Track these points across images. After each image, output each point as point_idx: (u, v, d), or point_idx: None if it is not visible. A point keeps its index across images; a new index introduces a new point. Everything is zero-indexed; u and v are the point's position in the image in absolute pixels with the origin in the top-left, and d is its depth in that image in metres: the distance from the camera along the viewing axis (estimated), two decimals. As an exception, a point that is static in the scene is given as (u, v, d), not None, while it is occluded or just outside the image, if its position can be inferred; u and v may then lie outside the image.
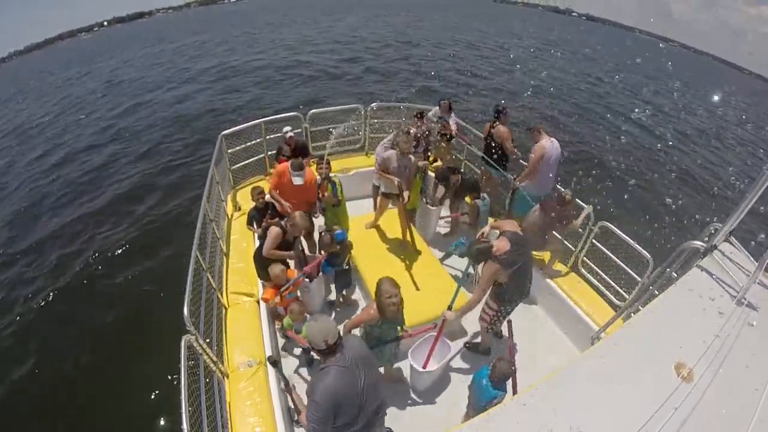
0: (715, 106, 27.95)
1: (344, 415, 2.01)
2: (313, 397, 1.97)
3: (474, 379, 2.97)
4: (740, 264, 2.17)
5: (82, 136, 14.01)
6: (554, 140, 4.38)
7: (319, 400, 1.92)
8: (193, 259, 3.08)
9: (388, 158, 3.82)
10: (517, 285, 3.12)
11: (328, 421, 1.95)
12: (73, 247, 7.64)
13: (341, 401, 1.96)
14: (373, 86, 17.10)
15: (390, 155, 3.85)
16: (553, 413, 1.48)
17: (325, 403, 1.92)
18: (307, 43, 27.95)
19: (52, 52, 65.40)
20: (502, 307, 3.26)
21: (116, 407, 4.53)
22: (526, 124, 11.62)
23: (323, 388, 1.95)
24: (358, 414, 2.08)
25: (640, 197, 10.49)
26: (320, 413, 1.92)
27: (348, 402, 2.00)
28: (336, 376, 1.97)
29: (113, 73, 25.04)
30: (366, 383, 2.08)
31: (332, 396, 1.93)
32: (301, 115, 5.73)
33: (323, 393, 1.93)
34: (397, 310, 2.60)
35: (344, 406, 1.99)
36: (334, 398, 1.94)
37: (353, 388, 2.02)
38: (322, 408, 1.91)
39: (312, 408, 1.95)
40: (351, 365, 2.03)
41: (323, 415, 1.92)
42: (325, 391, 1.94)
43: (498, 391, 2.76)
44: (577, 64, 30.68)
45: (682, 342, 1.74)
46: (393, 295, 2.54)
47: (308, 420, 1.96)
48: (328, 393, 1.93)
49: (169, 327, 3.03)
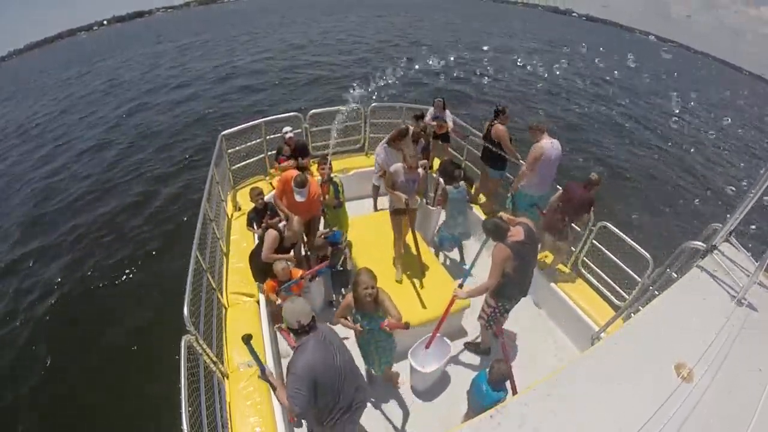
0: (715, 106, 27.98)
1: (324, 393, 2.06)
2: (292, 371, 2.01)
3: (473, 383, 2.95)
4: (740, 264, 2.17)
5: (82, 135, 14.01)
6: (555, 141, 4.31)
7: (299, 373, 1.97)
8: (193, 259, 3.08)
9: (395, 172, 3.68)
10: (518, 281, 3.12)
11: (309, 394, 1.98)
12: (73, 247, 7.64)
13: (319, 375, 2.00)
14: (374, 86, 17.09)
15: (397, 170, 3.68)
16: (553, 413, 1.48)
17: (305, 374, 1.96)
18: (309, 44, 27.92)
19: (52, 52, 65.34)
20: (500, 304, 3.25)
21: (116, 407, 4.53)
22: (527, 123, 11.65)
23: (302, 361, 1.99)
24: (338, 394, 2.14)
25: (639, 197, 10.50)
26: (300, 385, 1.95)
27: (326, 376, 2.05)
28: (313, 348, 2.04)
29: (115, 72, 25.02)
30: (342, 361, 2.15)
31: (311, 369, 1.98)
32: (301, 115, 5.73)
33: (302, 365, 1.98)
34: (374, 303, 2.61)
35: (322, 380, 2.03)
36: (312, 371, 1.98)
37: (330, 363, 2.08)
38: (300, 380, 1.95)
39: (291, 381, 1.99)
40: (326, 342, 2.12)
41: (303, 387, 1.95)
42: (304, 363, 1.99)
43: (500, 393, 2.75)
44: (577, 63, 30.68)
45: (682, 342, 1.74)
46: (369, 286, 2.56)
47: (289, 396, 1.98)
48: (308, 365, 1.98)
49: (169, 327, 3.03)
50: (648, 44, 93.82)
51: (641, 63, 42.93)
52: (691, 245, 2.38)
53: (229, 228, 4.75)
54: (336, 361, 2.12)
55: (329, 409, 2.16)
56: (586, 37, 62.16)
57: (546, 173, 4.35)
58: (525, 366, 3.57)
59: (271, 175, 5.67)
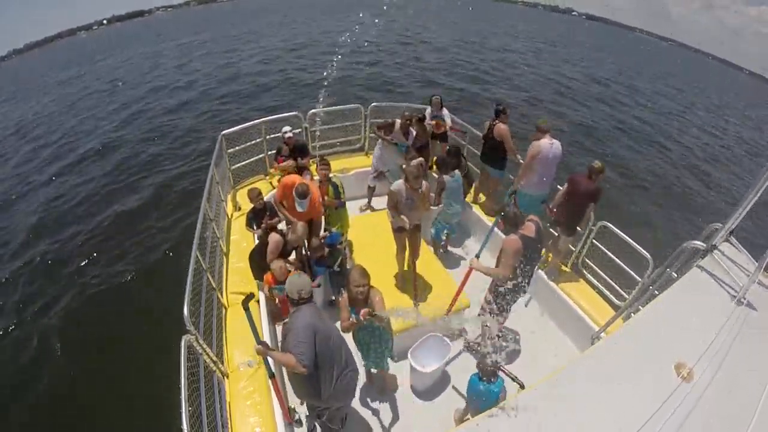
0: (715, 105, 27.98)
1: (322, 348, 2.21)
2: (293, 328, 2.20)
3: (469, 385, 2.91)
4: (740, 264, 2.17)
5: (83, 135, 14.00)
6: (556, 142, 4.31)
7: (300, 327, 2.16)
8: (193, 259, 3.08)
9: (397, 192, 3.56)
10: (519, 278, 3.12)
11: (312, 346, 2.13)
12: (73, 247, 7.64)
13: (318, 329, 2.20)
14: (376, 85, 17.11)
15: (399, 188, 3.57)
16: (554, 413, 1.48)
17: (307, 327, 2.16)
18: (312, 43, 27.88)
19: (52, 51, 65.32)
20: (498, 300, 3.26)
21: (116, 407, 4.53)
22: (529, 123, 11.66)
23: (301, 319, 2.21)
24: (333, 352, 2.31)
25: (640, 197, 10.50)
26: (303, 336, 2.13)
27: (323, 332, 2.23)
28: (309, 311, 2.26)
29: (115, 71, 25.01)
30: (335, 332, 2.37)
31: (310, 325, 2.18)
32: (301, 115, 5.73)
33: (302, 322, 2.19)
34: (365, 300, 2.68)
35: (320, 334, 2.20)
36: (311, 327, 2.18)
37: (325, 326, 2.29)
38: (303, 331, 2.14)
39: (293, 336, 2.16)
40: (319, 312, 2.36)
41: (306, 339, 2.12)
42: (303, 321, 2.20)
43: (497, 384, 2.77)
44: (577, 63, 30.68)
45: (682, 342, 1.74)
46: (361, 284, 2.65)
47: (292, 345, 2.13)
48: (306, 322, 2.19)
49: (169, 327, 3.03)
50: (648, 43, 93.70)
51: (641, 62, 43.00)
52: (691, 245, 2.38)
53: (229, 228, 4.75)
54: (327, 325, 2.35)
55: (329, 363, 2.28)
56: (586, 36, 62.17)
57: (544, 173, 4.35)
58: (525, 366, 3.57)
59: (271, 175, 5.67)
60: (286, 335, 2.27)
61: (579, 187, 3.90)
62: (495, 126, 4.74)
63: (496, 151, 4.89)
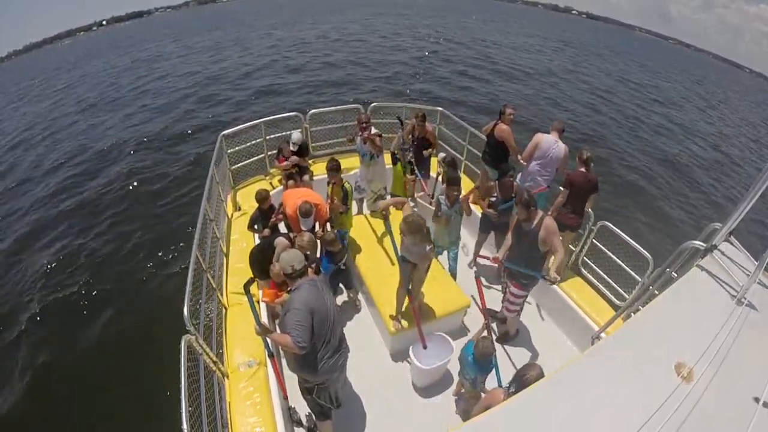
0: (716, 105, 27.96)
1: (319, 326, 2.29)
2: (291, 307, 2.26)
3: (462, 353, 3.05)
4: (740, 264, 2.16)
5: (82, 135, 14.02)
6: (561, 144, 4.35)
7: (298, 306, 2.23)
8: (193, 259, 3.08)
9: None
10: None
11: (309, 326, 2.21)
12: (73, 247, 7.64)
13: (315, 308, 2.26)
14: (376, 86, 17.11)
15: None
16: (554, 413, 1.48)
17: (304, 307, 2.23)
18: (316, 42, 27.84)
19: (53, 52, 65.29)
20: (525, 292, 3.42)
21: (116, 407, 4.53)
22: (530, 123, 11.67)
23: (299, 297, 2.27)
24: (330, 330, 2.37)
25: (640, 196, 10.49)
26: (300, 317, 2.20)
27: (321, 310, 2.30)
28: (307, 289, 2.31)
29: (113, 72, 25.01)
30: (331, 303, 2.43)
31: (307, 303, 2.24)
32: (301, 115, 5.73)
33: (299, 300, 2.25)
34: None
35: (318, 313, 2.27)
36: (309, 305, 2.24)
37: (323, 302, 2.34)
38: (300, 312, 2.21)
39: (291, 316, 2.23)
40: (317, 286, 2.38)
41: (304, 319, 2.20)
42: (300, 299, 2.26)
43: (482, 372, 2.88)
44: (578, 62, 30.65)
45: (682, 342, 1.74)
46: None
47: (291, 327, 2.20)
48: (304, 300, 2.25)
49: (169, 327, 3.03)
50: (649, 42, 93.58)
51: (641, 62, 42.95)
52: (691, 245, 2.38)
53: (229, 228, 4.75)
54: (327, 301, 2.39)
55: (324, 343, 2.36)
56: (586, 35, 62.10)
57: (541, 168, 4.39)
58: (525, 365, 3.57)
59: (272, 175, 5.68)
60: (286, 312, 2.31)
61: (575, 179, 3.93)
62: (497, 126, 4.75)
63: (497, 151, 4.89)
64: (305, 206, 3.64)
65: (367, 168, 4.95)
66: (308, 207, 3.65)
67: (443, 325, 3.70)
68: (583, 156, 3.97)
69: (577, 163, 4.04)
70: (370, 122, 4.72)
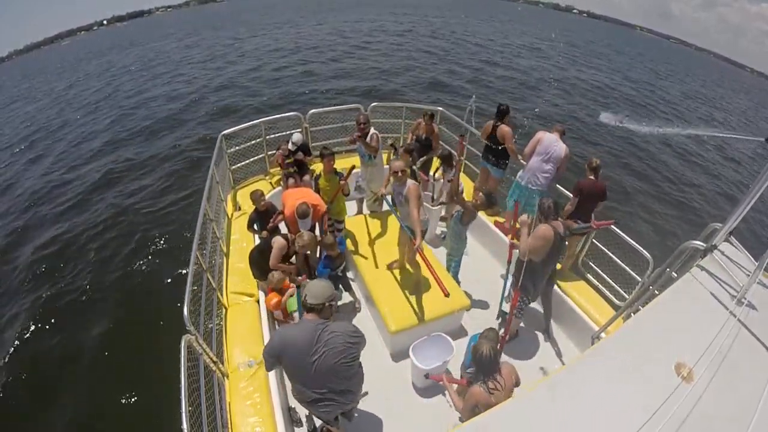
0: (718, 104, 27.92)
1: (289, 372, 2.30)
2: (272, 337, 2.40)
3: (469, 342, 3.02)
4: (740, 264, 2.16)
5: (80, 134, 14.03)
6: (562, 144, 4.37)
7: (271, 342, 2.31)
8: (193, 259, 3.08)
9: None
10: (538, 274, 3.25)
11: (272, 364, 2.27)
12: (73, 247, 7.64)
13: (286, 355, 2.21)
14: (377, 86, 17.10)
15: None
16: (554, 413, 1.48)
17: (274, 346, 2.25)
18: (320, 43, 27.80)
19: (54, 52, 65.30)
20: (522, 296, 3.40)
21: (116, 407, 4.54)
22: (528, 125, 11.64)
23: (279, 334, 2.33)
24: (305, 382, 2.25)
25: (640, 196, 10.48)
26: (267, 352, 2.27)
27: (293, 360, 2.21)
28: (296, 331, 2.25)
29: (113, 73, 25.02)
30: (322, 359, 2.17)
31: (280, 344, 2.24)
32: (301, 115, 5.73)
33: (277, 338, 2.30)
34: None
35: (287, 360, 2.22)
36: (278, 348, 2.23)
37: (303, 351, 2.17)
38: (270, 348, 2.26)
39: (267, 344, 2.34)
40: (316, 333, 2.17)
41: (268, 356, 2.26)
42: (279, 337, 2.30)
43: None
44: (578, 62, 30.64)
45: (682, 342, 1.74)
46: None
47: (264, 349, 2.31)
48: (279, 340, 2.26)
49: (169, 327, 3.04)
50: (649, 41, 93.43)
51: (642, 61, 42.91)
52: (691, 245, 2.37)
53: (229, 228, 4.75)
54: (311, 355, 2.16)
55: (301, 383, 2.30)
56: (586, 34, 62.04)
57: (540, 164, 4.41)
58: (525, 366, 3.57)
59: (271, 175, 5.68)
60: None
61: (588, 190, 3.96)
62: (498, 127, 4.78)
63: (498, 151, 4.92)
64: (302, 207, 3.63)
65: (366, 168, 4.95)
66: (305, 208, 3.63)
67: (443, 325, 3.70)
68: (593, 164, 4.03)
69: (586, 170, 4.10)
70: (369, 122, 4.70)
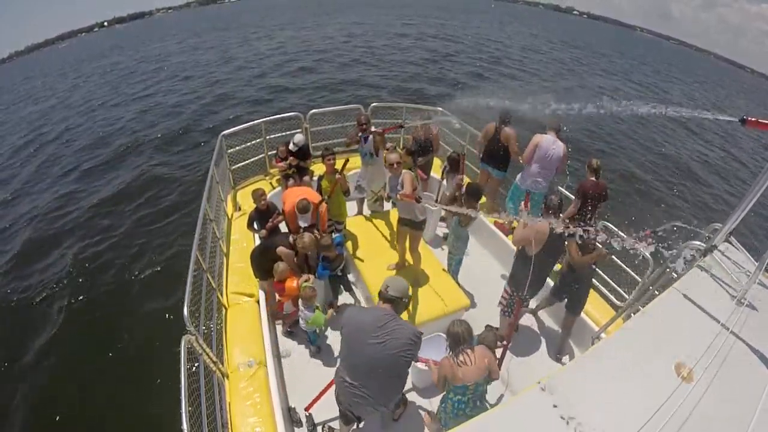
0: (718, 104, 27.92)
1: (347, 340, 2.37)
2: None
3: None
4: (740, 264, 2.16)
5: (81, 134, 14.05)
6: (560, 143, 4.37)
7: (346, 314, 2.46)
8: (193, 259, 3.08)
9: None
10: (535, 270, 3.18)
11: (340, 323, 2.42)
12: (73, 248, 7.65)
13: (352, 319, 2.39)
14: (378, 84, 17.12)
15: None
16: (554, 413, 1.48)
17: (346, 311, 2.47)
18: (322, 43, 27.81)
19: (55, 52, 65.37)
20: (514, 291, 3.36)
21: (116, 407, 4.54)
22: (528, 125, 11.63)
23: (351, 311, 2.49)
24: (352, 357, 2.34)
25: (640, 196, 10.48)
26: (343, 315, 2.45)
27: (355, 327, 2.34)
28: (368, 309, 2.69)
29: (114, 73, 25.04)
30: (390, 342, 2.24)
31: (351, 313, 2.45)
32: (301, 115, 5.73)
33: (348, 309, 2.56)
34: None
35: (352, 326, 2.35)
36: (351, 314, 2.43)
37: (371, 325, 2.28)
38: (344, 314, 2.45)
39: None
40: (387, 316, 2.30)
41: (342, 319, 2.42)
42: (350, 308, 2.59)
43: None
44: (578, 62, 30.65)
45: (682, 342, 1.73)
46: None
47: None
48: (350, 310, 2.51)
49: (169, 327, 3.04)
50: (649, 42, 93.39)
51: (642, 61, 42.93)
52: (691, 245, 2.37)
53: (229, 228, 4.75)
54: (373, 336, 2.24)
55: (343, 357, 2.44)
56: (587, 35, 62.07)
57: (540, 169, 4.41)
58: (524, 366, 3.57)
59: (271, 175, 5.68)
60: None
61: (591, 191, 3.98)
62: (502, 129, 4.79)
63: (500, 152, 4.93)
64: (302, 202, 3.66)
65: (367, 168, 4.95)
66: (305, 203, 3.67)
67: (443, 325, 3.69)
68: (593, 165, 4.05)
69: (587, 171, 4.11)
70: (369, 122, 4.70)
